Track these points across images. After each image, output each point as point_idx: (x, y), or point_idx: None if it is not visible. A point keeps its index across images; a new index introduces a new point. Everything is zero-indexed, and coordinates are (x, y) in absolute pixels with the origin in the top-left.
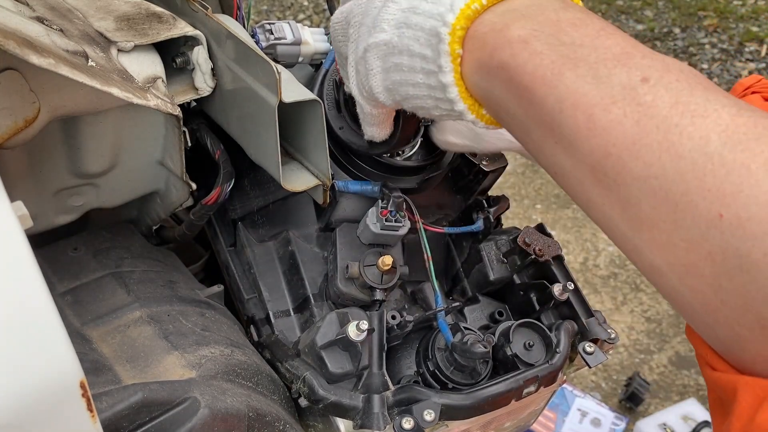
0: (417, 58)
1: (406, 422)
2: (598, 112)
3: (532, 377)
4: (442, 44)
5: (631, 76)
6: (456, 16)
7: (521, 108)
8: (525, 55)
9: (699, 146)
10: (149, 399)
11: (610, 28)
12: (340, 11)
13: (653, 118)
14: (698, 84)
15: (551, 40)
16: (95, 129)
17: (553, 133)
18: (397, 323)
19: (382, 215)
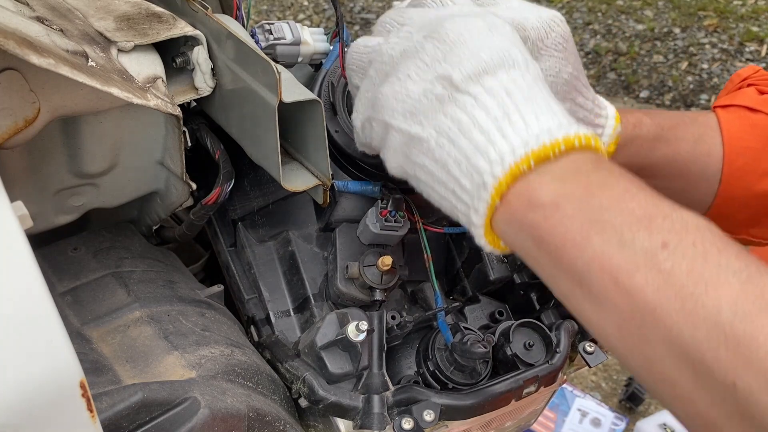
0: (452, 179)
1: (405, 422)
2: (623, 277)
3: (532, 377)
4: (484, 191)
5: (653, 241)
6: (505, 173)
7: (551, 262)
8: (556, 218)
9: (712, 315)
10: (149, 399)
11: (635, 187)
12: (366, 44)
13: (672, 286)
14: (712, 246)
15: (581, 204)
16: (95, 129)
17: (581, 288)
18: (396, 323)
19: (381, 215)
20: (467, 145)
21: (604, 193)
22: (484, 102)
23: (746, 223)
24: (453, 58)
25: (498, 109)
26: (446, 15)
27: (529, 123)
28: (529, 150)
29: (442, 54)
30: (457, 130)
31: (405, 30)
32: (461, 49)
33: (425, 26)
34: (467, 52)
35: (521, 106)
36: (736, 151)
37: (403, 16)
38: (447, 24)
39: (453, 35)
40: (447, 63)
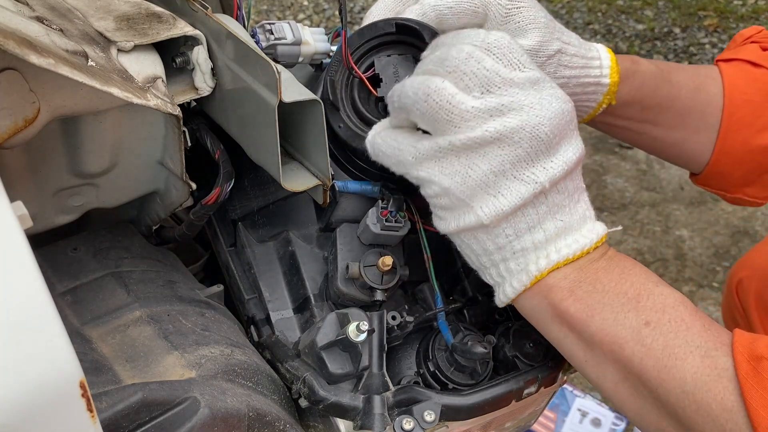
0: (502, 260)
1: (406, 423)
2: (616, 349)
3: (533, 378)
4: (525, 277)
5: (639, 319)
6: (547, 268)
7: (562, 331)
8: (570, 301)
9: (680, 386)
10: (149, 399)
11: (630, 269)
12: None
13: (651, 359)
14: (683, 323)
15: (589, 288)
16: (95, 129)
17: (587, 351)
18: (397, 324)
19: (382, 215)
20: (528, 241)
21: (606, 277)
22: (553, 202)
23: (741, 181)
24: (546, 161)
25: (559, 210)
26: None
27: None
28: (571, 254)
29: (536, 153)
30: (525, 227)
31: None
32: (554, 151)
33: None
34: (559, 158)
35: (574, 206)
36: (736, 103)
37: (489, 80)
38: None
39: (546, 133)
40: (540, 165)
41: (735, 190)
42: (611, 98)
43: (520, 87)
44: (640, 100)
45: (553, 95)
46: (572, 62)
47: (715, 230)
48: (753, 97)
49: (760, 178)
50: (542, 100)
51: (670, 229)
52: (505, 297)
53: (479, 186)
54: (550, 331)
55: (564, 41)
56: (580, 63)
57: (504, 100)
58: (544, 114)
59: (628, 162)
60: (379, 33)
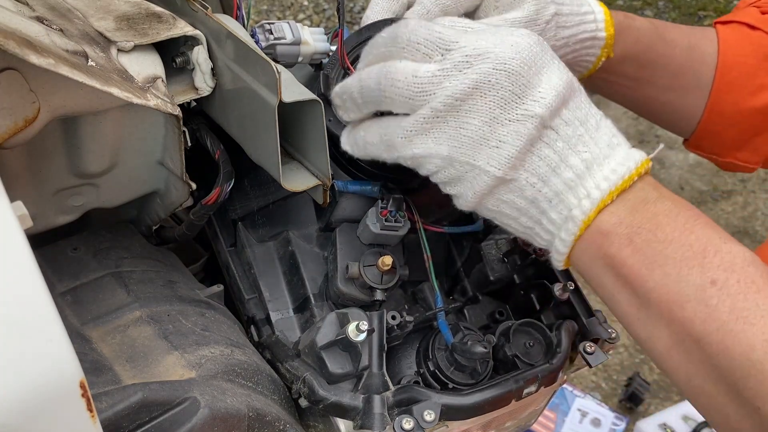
0: (541, 212)
1: (406, 423)
2: (676, 308)
3: (533, 377)
4: (572, 224)
5: (704, 277)
6: (593, 208)
7: (618, 287)
8: (628, 252)
9: (746, 352)
10: (149, 399)
11: (694, 218)
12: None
13: (716, 321)
14: (753, 284)
15: (649, 236)
16: (95, 129)
17: (640, 311)
18: (397, 323)
19: (382, 215)
20: (558, 183)
21: (669, 225)
22: (566, 135)
23: (733, 144)
24: (533, 93)
25: (578, 142)
26: (499, 40)
27: (608, 156)
28: (612, 185)
29: (520, 89)
30: (548, 169)
31: (458, 57)
32: (537, 82)
33: (482, 54)
34: (545, 86)
35: (594, 134)
36: (730, 63)
37: (443, 39)
38: (509, 52)
39: (520, 66)
40: (529, 99)
41: (726, 153)
42: (609, 51)
43: (477, 35)
44: (635, 56)
45: (511, 32)
46: (568, 21)
47: None
48: (747, 59)
49: (751, 140)
50: (503, 39)
51: None
52: (559, 255)
53: (477, 142)
54: (605, 285)
55: (558, 2)
56: (576, 20)
57: (466, 51)
58: (509, 49)
59: None
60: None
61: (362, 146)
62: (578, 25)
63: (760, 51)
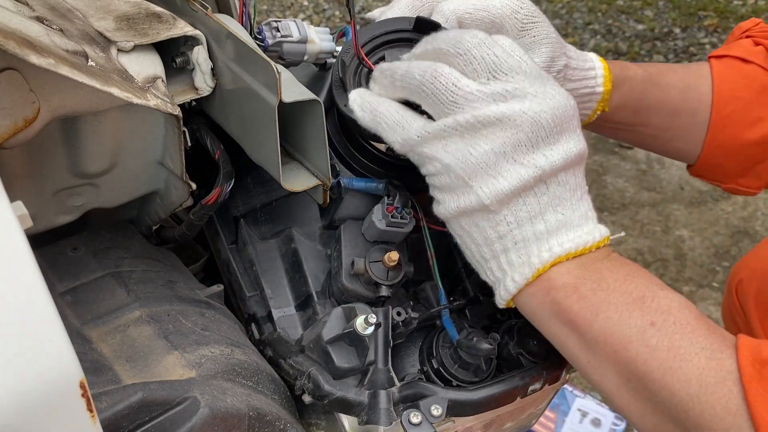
0: (503, 252)
1: (414, 417)
2: (620, 349)
3: (537, 374)
4: (527, 270)
5: (644, 320)
6: (550, 263)
7: (564, 331)
8: (573, 299)
9: (684, 388)
10: (149, 399)
11: (634, 271)
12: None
13: (656, 359)
14: (688, 325)
15: (593, 286)
16: (95, 129)
17: (589, 353)
18: (402, 320)
19: (387, 212)
20: (529, 231)
21: (611, 276)
22: (554, 193)
23: (734, 173)
24: (546, 148)
25: (561, 203)
26: (542, 90)
27: (579, 225)
28: (573, 248)
29: (537, 140)
30: (527, 216)
31: (499, 89)
32: (554, 141)
33: (521, 96)
34: (560, 147)
35: (576, 203)
36: (725, 99)
37: (497, 65)
38: (545, 105)
39: (548, 121)
40: (540, 152)
41: (729, 180)
42: (604, 105)
43: (526, 76)
44: (630, 105)
45: (557, 90)
46: (574, 75)
47: (715, 230)
48: (742, 94)
49: (752, 169)
50: (546, 91)
51: (670, 229)
52: (506, 293)
53: (480, 165)
54: (552, 331)
55: (568, 56)
56: (580, 75)
57: (509, 86)
58: (546, 103)
59: (628, 162)
60: (394, 29)
61: (371, 114)
62: (581, 80)
63: (754, 84)
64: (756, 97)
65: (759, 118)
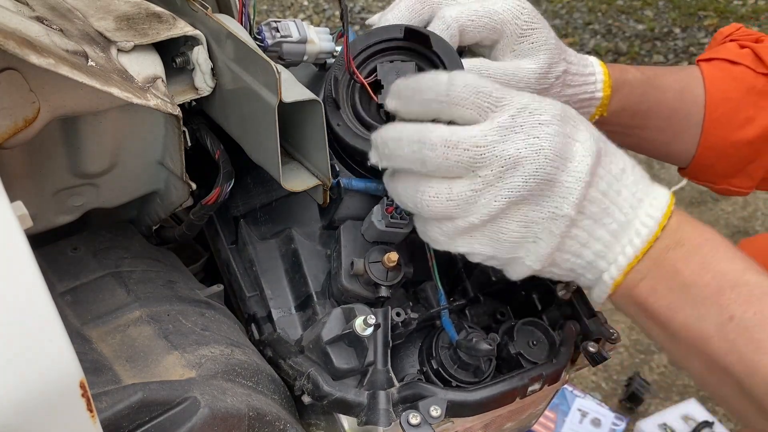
0: (576, 276)
1: (413, 417)
2: (701, 345)
3: (537, 375)
4: (603, 286)
5: (722, 315)
6: (619, 274)
7: (649, 325)
8: (652, 300)
9: (765, 382)
10: (149, 399)
11: (710, 256)
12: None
13: (736, 353)
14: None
15: (669, 284)
16: (95, 129)
17: (673, 344)
18: (401, 320)
19: (387, 212)
20: (589, 254)
21: (687, 268)
22: (591, 213)
23: (726, 173)
24: (560, 189)
25: (604, 215)
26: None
27: (631, 220)
28: (637, 250)
29: (549, 189)
30: (579, 246)
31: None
32: (563, 177)
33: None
34: (570, 178)
35: (617, 200)
36: (717, 100)
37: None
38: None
39: (547, 171)
40: (557, 196)
41: (721, 181)
42: (603, 110)
43: (501, 136)
44: (628, 108)
45: (535, 128)
46: (574, 81)
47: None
48: (732, 94)
49: (744, 169)
50: (528, 141)
51: None
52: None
53: (517, 242)
54: (639, 323)
55: (568, 61)
56: (580, 81)
57: (494, 164)
58: (535, 155)
59: None
60: (385, 38)
61: (393, 191)
62: (581, 85)
63: (743, 85)
64: (745, 98)
65: (749, 118)
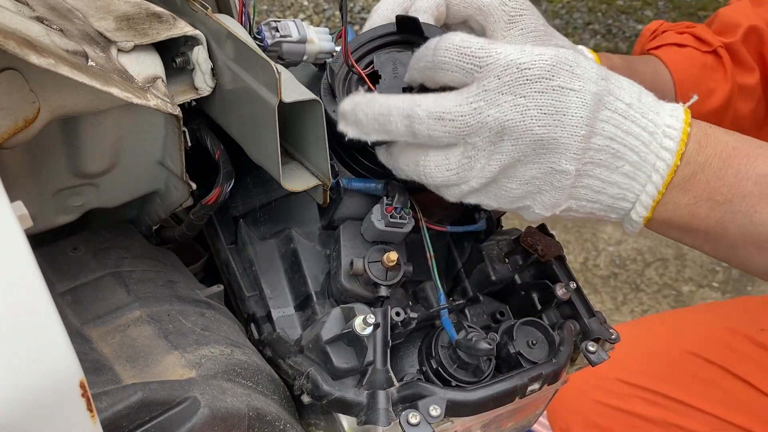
0: (602, 213)
1: (412, 417)
2: (762, 245)
3: (536, 374)
4: (632, 224)
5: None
6: (645, 215)
7: (698, 241)
8: (696, 223)
9: None
10: (149, 399)
11: (743, 164)
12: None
13: None
14: None
15: (710, 204)
16: (95, 129)
17: (729, 252)
18: (401, 320)
19: (387, 212)
20: (607, 200)
21: (723, 185)
22: (599, 160)
23: None
24: (557, 146)
25: (615, 159)
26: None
27: (646, 156)
28: (660, 188)
29: (546, 148)
30: (593, 193)
31: (479, 142)
32: (560, 133)
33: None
34: (567, 133)
35: (628, 140)
36: (682, 78)
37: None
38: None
39: (538, 134)
40: (556, 152)
41: None
42: None
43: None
44: None
45: (517, 87)
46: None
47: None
48: (692, 71)
49: None
50: (515, 101)
51: None
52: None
53: (522, 196)
54: (687, 242)
55: (558, 46)
56: None
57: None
58: (520, 117)
59: None
60: (380, 34)
61: (393, 167)
62: None
63: (696, 63)
64: (701, 73)
65: (710, 90)
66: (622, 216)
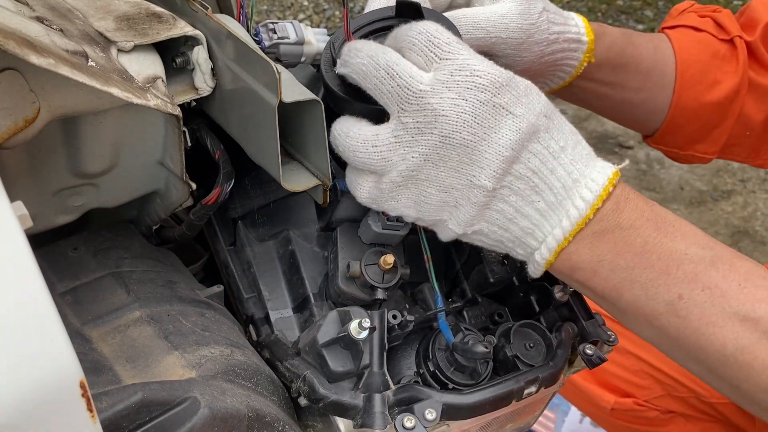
0: (507, 249)
1: (408, 421)
2: (651, 320)
3: (533, 377)
4: (536, 265)
5: (671, 294)
6: (550, 255)
7: (595, 298)
8: (596, 281)
9: (720, 350)
10: (149, 399)
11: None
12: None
13: (687, 328)
14: (717, 288)
15: (612, 266)
16: (95, 129)
17: (622, 317)
18: (398, 323)
19: (383, 214)
20: (517, 230)
21: (629, 250)
22: (518, 189)
23: (693, 137)
24: (479, 159)
25: (532, 193)
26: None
27: (562, 201)
28: (567, 234)
29: (467, 157)
30: (505, 220)
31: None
32: (484, 147)
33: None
34: (491, 151)
35: (549, 180)
36: (686, 62)
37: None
38: (455, 121)
39: (464, 137)
40: (476, 165)
41: (687, 146)
42: (590, 56)
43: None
44: (609, 61)
45: (461, 88)
46: (557, 19)
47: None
48: (700, 57)
49: (710, 134)
50: (452, 101)
51: None
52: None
53: (439, 205)
54: (588, 296)
55: (551, 21)
56: (562, 20)
57: (417, 114)
58: (455, 118)
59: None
60: (378, 18)
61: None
62: (565, 23)
63: (708, 50)
64: (711, 61)
65: (716, 80)
66: (528, 254)
